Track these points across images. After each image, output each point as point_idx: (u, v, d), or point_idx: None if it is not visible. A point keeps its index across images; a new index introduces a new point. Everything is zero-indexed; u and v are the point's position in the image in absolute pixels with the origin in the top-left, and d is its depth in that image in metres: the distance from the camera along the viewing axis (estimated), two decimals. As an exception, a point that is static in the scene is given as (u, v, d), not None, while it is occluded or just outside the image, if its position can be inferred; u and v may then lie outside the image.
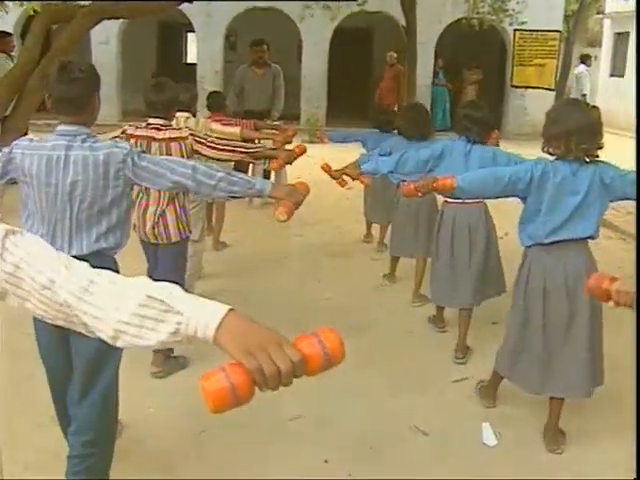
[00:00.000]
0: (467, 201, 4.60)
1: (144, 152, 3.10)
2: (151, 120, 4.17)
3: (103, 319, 1.38)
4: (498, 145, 5.32)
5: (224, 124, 5.81)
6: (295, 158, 4.04)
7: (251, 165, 8.18)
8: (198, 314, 1.37)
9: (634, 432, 3.11)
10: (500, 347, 3.88)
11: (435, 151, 4.59)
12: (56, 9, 8.58)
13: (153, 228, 4.20)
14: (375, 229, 7.45)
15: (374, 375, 4.44)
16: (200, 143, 4.05)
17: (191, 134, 4.11)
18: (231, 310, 1.38)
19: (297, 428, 3.79)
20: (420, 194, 3.81)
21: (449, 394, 4.23)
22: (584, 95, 15.93)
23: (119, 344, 1.40)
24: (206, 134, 4.56)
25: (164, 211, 4.20)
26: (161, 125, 4.13)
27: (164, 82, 4.21)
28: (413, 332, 5.14)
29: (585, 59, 16.49)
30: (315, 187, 10.72)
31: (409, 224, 5.79)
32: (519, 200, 3.66)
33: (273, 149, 4.57)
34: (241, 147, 4.06)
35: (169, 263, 4.29)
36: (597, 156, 3.48)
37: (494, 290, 4.83)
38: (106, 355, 2.83)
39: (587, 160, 3.46)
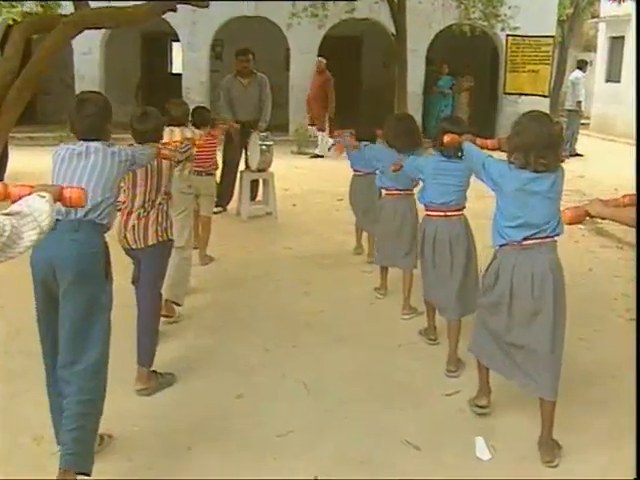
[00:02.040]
0: (448, 213, 4.81)
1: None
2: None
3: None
4: None
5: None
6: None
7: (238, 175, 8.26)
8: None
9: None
10: (473, 329, 4.07)
11: (413, 168, 4.97)
12: (37, 18, 8.59)
13: (133, 231, 4.35)
14: (366, 240, 7.50)
15: (365, 389, 4.48)
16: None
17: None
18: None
19: (287, 444, 3.81)
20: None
21: (441, 408, 4.26)
22: (579, 102, 15.99)
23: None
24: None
25: (146, 216, 4.38)
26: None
27: (149, 111, 4.51)
28: (404, 345, 5.18)
29: (581, 65, 16.56)
30: (304, 198, 10.85)
31: (392, 234, 5.90)
32: None
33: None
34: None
35: (148, 266, 4.44)
36: (562, 161, 3.69)
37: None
38: (92, 316, 3.29)
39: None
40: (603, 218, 3.07)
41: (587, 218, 3.04)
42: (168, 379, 4.47)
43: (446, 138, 4.36)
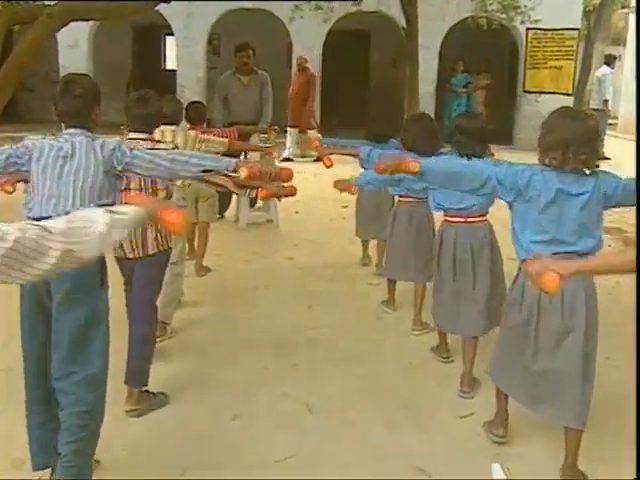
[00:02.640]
0: (469, 219, 4.77)
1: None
2: (132, 135, 4.42)
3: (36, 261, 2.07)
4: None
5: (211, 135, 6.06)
6: (285, 195, 4.10)
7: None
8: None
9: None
10: (493, 351, 4.03)
11: None
12: (19, 8, 8.55)
13: (129, 238, 4.31)
14: (373, 250, 7.52)
15: (371, 411, 4.49)
16: None
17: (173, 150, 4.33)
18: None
19: (286, 469, 3.82)
20: (388, 173, 4.08)
21: (454, 431, 4.27)
22: (606, 101, 15.98)
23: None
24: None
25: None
26: (142, 140, 4.34)
27: (148, 95, 4.51)
28: (414, 363, 5.20)
29: (609, 60, 16.50)
30: (307, 205, 10.81)
31: (407, 244, 5.88)
32: None
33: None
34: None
35: (144, 277, 4.44)
36: (597, 166, 3.64)
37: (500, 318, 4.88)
38: (92, 326, 3.33)
39: (586, 172, 3.60)
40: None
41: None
42: (160, 399, 4.48)
43: (375, 168, 4.14)
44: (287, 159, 14.63)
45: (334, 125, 16.87)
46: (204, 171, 3.55)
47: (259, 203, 9.59)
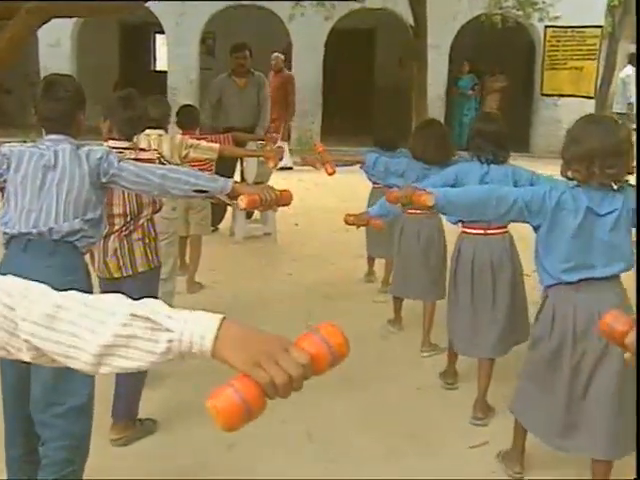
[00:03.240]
0: (489, 231, 4.72)
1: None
2: (111, 143, 4.25)
3: (79, 346, 1.49)
4: None
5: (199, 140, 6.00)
6: (281, 204, 4.02)
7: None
8: (190, 328, 1.49)
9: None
10: (517, 386, 3.98)
11: (448, 179, 4.70)
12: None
13: (115, 256, 4.25)
14: (379, 266, 7.52)
15: (375, 439, 4.49)
16: None
17: (159, 161, 4.30)
18: (224, 319, 1.50)
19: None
20: (401, 205, 4.04)
21: (466, 462, 4.26)
22: (631, 104, 15.99)
23: (103, 371, 1.52)
24: (181, 159, 4.75)
25: (129, 236, 4.26)
26: (124, 149, 4.21)
27: (130, 95, 4.37)
28: (423, 388, 5.21)
29: (634, 60, 16.52)
30: (307, 217, 10.81)
31: (415, 260, 5.87)
32: None
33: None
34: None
35: (135, 298, 4.33)
36: (626, 181, 3.55)
37: (521, 336, 4.86)
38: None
39: (614, 187, 3.52)
40: None
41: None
42: (148, 426, 4.48)
43: (388, 197, 4.07)
44: (286, 168, 14.62)
45: (336, 131, 16.91)
46: (197, 191, 3.48)
47: (256, 214, 9.61)
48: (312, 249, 8.92)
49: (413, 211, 5.87)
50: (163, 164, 4.39)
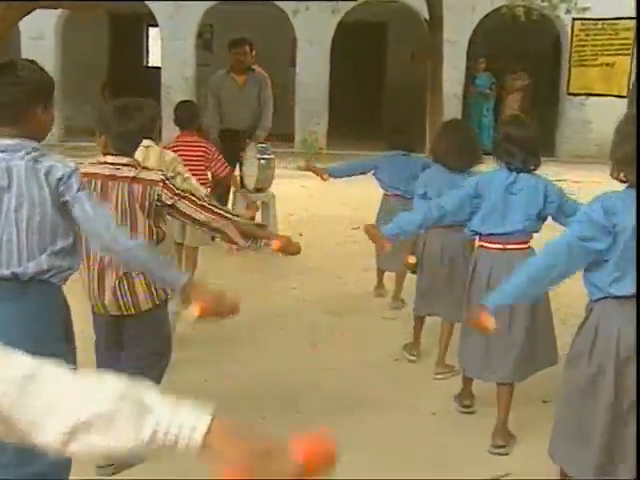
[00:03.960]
0: (509, 246, 4.66)
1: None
2: (108, 159, 4.10)
3: (45, 425, 1.42)
4: None
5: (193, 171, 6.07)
6: (291, 252, 3.96)
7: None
8: (179, 418, 1.46)
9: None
10: (553, 427, 3.84)
11: (469, 189, 4.69)
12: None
13: (115, 297, 4.04)
14: (389, 280, 7.52)
15: (387, 469, 4.48)
16: (182, 198, 4.03)
17: (165, 184, 4.02)
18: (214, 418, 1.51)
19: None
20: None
21: (485, 495, 4.27)
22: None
23: (72, 449, 1.45)
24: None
25: (129, 273, 4.01)
26: (122, 166, 4.05)
27: (126, 105, 4.23)
28: (438, 413, 5.20)
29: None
30: (312, 226, 10.81)
31: (438, 277, 5.80)
32: None
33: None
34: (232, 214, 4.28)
35: (141, 340, 4.20)
36: None
37: (544, 361, 4.83)
38: None
39: None
40: None
41: None
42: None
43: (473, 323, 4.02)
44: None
45: (343, 133, 16.91)
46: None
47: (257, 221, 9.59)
48: (317, 261, 8.90)
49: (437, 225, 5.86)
50: (174, 190, 4.08)
